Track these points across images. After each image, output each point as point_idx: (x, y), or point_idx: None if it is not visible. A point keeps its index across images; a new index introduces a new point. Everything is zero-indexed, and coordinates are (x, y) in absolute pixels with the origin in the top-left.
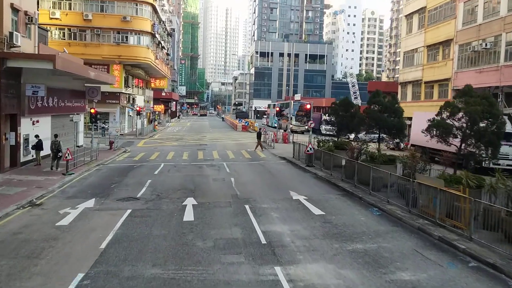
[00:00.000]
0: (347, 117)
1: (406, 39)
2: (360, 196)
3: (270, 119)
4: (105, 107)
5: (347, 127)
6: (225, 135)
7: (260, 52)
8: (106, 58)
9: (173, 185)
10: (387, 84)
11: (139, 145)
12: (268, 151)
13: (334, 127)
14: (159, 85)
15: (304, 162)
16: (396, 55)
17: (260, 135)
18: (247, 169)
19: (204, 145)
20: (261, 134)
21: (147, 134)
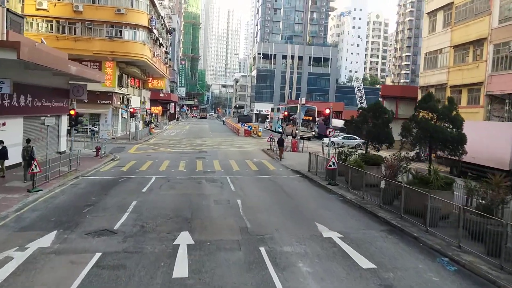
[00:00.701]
0: (378, 125)
1: (428, 39)
2: (415, 235)
3: (273, 123)
4: (96, 108)
5: (378, 137)
6: (227, 140)
7: (263, 54)
8: (98, 54)
9: (163, 210)
10: (403, 89)
11: (131, 151)
12: (277, 161)
13: (359, 137)
14: (157, 85)
15: (324, 179)
16: (402, 60)
17: (283, 142)
18: (256, 186)
19: (204, 152)
20: (283, 141)
21: (142, 138)
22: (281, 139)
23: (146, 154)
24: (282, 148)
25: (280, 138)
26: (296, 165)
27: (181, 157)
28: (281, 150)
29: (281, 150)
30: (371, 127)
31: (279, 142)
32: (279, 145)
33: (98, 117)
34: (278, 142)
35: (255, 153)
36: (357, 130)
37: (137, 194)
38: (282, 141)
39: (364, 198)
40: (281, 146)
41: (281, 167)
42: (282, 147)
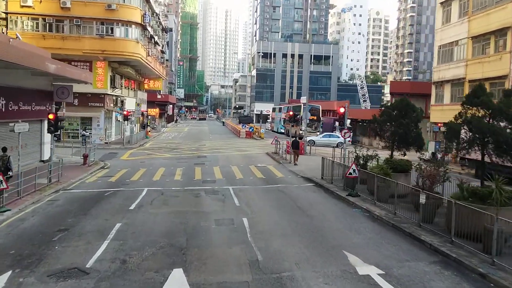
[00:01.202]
0: (405, 125)
1: (442, 31)
2: (481, 271)
3: (275, 124)
4: (87, 111)
5: (405, 139)
6: (228, 143)
7: (263, 53)
8: (88, 53)
9: (153, 235)
10: (413, 85)
11: (123, 157)
12: (285, 166)
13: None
14: (154, 86)
15: (343, 188)
16: (404, 56)
17: (298, 145)
18: (264, 199)
19: (203, 157)
20: (298, 143)
21: (137, 142)
22: (296, 141)
23: (139, 160)
24: (298, 152)
25: (295, 141)
26: (306, 170)
27: (178, 163)
28: (297, 154)
29: (297, 154)
30: (397, 128)
31: (294, 145)
32: (295, 148)
33: (90, 121)
34: (293, 145)
35: (259, 157)
36: (380, 131)
37: (123, 213)
38: (298, 144)
39: (396, 214)
40: (297, 149)
41: (289, 173)
42: (298, 151)
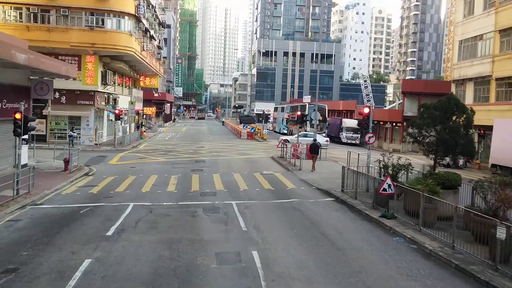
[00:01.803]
0: (453, 129)
1: (464, 24)
2: None
3: (277, 124)
4: (75, 110)
5: (453, 146)
6: (228, 145)
7: (263, 51)
8: (76, 46)
9: (132, 281)
10: (427, 84)
11: (112, 161)
12: (295, 174)
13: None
14: (150, 84)
15: (370, 205)
16: (407, 56)
17: (317, 148)
18: (277, 222)
19: (201, 162)
20: (318, 148)
21: (131, 143)
22: (315, 145)
23: (130, 165)
24: (316, 157)
25: (314, 144)
26: (320, 180)
27: (173, 169)
28: (315, 159)
29: (315, 160)
30: (443, 132)
31: (313, 149)
32: (314, 153)
33: (79, 120)
34: (312, 148)
35: (264, 162)
36: (419, 136)
37: (96, 242)
38: (317, 148)
39: (456, 248)
40: (316, 154)
41: (301, 183)
42: (316, 155)
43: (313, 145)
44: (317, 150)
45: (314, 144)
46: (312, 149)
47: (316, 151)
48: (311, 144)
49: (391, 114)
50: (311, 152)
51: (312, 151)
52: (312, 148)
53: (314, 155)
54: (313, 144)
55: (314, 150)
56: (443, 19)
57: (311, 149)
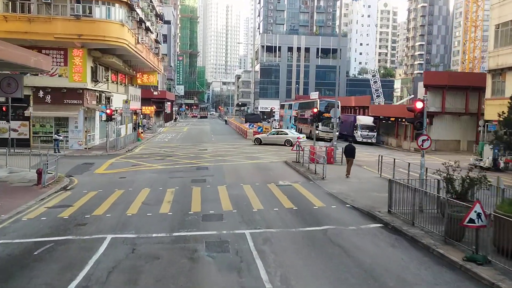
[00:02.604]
0: None
1: (501, 6)
2: None
3: (284, 122)
4: (62, 110)
5: None
6: (233, 146)
7: (267, 47)
8: (61, 38)
9: None
10: (451, 76)
11: (99, 169)
12: (318, 185)
13: None
14: (148, 81)
15: (441, 238)
16: (415, 49)
17: (354, 151)
18: (315, 269)
19: (204, 169)
20: (354, 150)
21: (125, 146)
22: (351, 147)
23: (119, 175)
24: (352, 161)
25: (350, 146)
26: (350, 192)
27: (170, 180)
28: (350, 164)
29: (350, 165)
30: None
31: (348, 151)
32: (349, 156)
33: (66, 122)
34: (346, 151)
35: (277, 168)
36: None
37: None
38: (354, 151)
39: None
40: (352, 157)
41: (330, 198)
42: (353, 159)
43: (348, 147)
44: (353, 153)
45: (349, 146)
46: (348, 151)
47: (352, 153)
48: (346, 146)
49: None
50: (346, 155)
51: (347, 154)
52: (347, 150)
53: (349, 158)
54: (348, 146)
55: (350, 153)
56: (452, 10)
57: (346, 151)
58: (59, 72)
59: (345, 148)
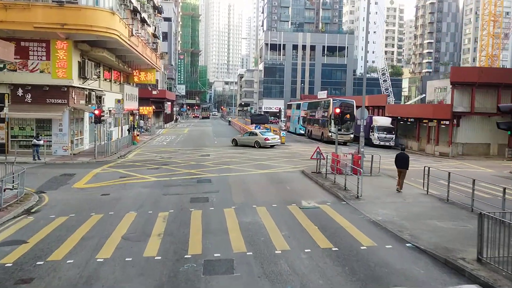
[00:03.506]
0: None
1: None
2: None
3: (291, 123)
4: (44, 111)
5: None
6: (239, 151)
7: (271, 45)
8: (42, 28)
9: None
10: (482, 72)
11: (79, 183)
12: (354, 207)
13: None
14: (145, 79)
15: None
16: (423, 47)
17: (407, 161)
18: None
19: (206, 182)
20: (407, 160)
21: (118, 151)
22: (404, 156)
23: (102, 190)
24: (406, 173)
25: (402, 155)
26: (402, 220)
27: (164, 198)
28: (403, 176)
29: (403, 177)
30: None
31: (400, 161)
32: (402, 167)
33: (49, 124)
34: (398, 161)
35: (293, 180)
36: None
37: None
38: (407, 160)
39: None
40: (406, 168)
41: (376, 230)
42: (406, 171)
43: (401, 155)
44: (407, 163)
45: (402, 155)
46: (400, 161)
47: (406, 164)
48: (398, 155)
49: (437, 109)
50: (398, 165)
51: (399, 164)
52: (400, 160)
53: (402, 169)
54: (401, 154)
55: (403, 163)
56: (461, 7)
57: (397, 161)
58: (40, 67)
59: (397, 157)
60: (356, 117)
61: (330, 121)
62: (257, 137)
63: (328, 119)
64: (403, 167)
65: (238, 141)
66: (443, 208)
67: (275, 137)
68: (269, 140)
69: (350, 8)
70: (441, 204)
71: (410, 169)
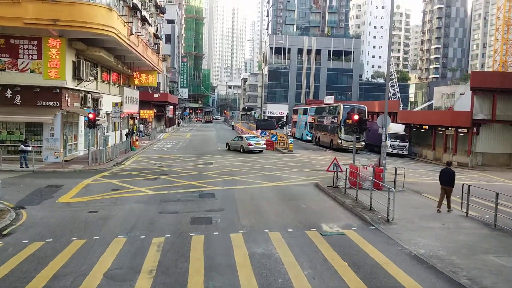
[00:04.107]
0: None
1: None
2: None
3: (298, 129)
4: (34, 114)
5: None
6: (244, 159)
7: (276, 48)
8: (33, 24)
9: None
10: (504, 77)
11: (65, 197)
12: (386, 234)
13: None
14: (146, 81)
15: None
16: (430, 53)
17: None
18: None
19: (209, 197)
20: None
21: (114, 158)
22: (450, 171)
23: (90, 206)
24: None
25: (448, 170)
26: (451, 255)
27: (160, 216)
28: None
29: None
30: None
31: (446, 177)
32: (447, 185)
33: (40, 128)
34: (443, 177)
35: (308, 195)
36: None
37: None
38: (453, 177)
39: None
40: (452, 186)
41: (422, 270)
42: (452, 188)
43: (446, 171)
44: (452, 181)
45: (448, 170)
46: (446, 177)
47: (451, 181)
48: (443, 170)
49: (455, 117)
50: (443, 182)
51: (445, 181)
52: (446, 176)
53: (447, 187)
54: (446, 169)
55: (449, 180)
56: (470, 12)
57: (442, 177)
58: (31, 66)
59: (441, 173)
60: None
61: (340, 128)
62: (242, 142)
63: (338, 126)
64: (447, 185)
65: (230, 145)
66: (495, 237)
67: (259, 142)
68: (252, 145)
69: (356, 12)
70: (489, 231)
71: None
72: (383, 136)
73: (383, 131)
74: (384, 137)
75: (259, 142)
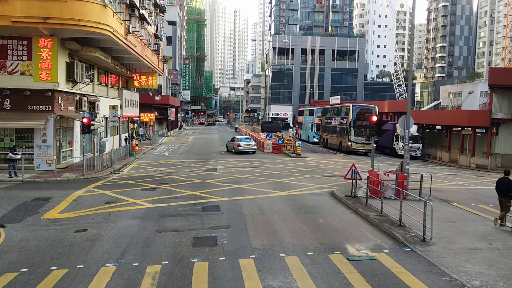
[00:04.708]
0: None
1: None
2: None
3: (304, 131)
4: (25, 119)
5: None
6: (250, 164)
7: (279, 49)
8: (21, 22)
9: None
10: None
11: (52, 212)
12: (425, 259)
13: None
14: (146, 83)
15: None
16: (436, 51)
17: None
18: None
19: (213, 211)
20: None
21: (112, 165)
22: (508, 181)
23: (79, 223)
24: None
25: (506, 180)
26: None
27: (158, 236)
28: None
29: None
30: None
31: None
32: (505, 197)
33: (32, 134)
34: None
35: (324, 206)
36: None
37: None
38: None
39: None
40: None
41: None
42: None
43: (503, 180)
44: (509, 192)
45: (504, 180)
46: (501, 187)
47: (506, 192)
48: (500, 180)
49: (473, 116)
50: (500, 194)
51: (503, 193)
52: (504, 186)
53: (503, 199)
54: (504, 179)
55: (504, 190)
56: (475, 10)
57: (500, 188)
58: (21, 68)
59: (498, 183)
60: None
61: (349, 129)
62: (234, 143)
63: (348, 127)
64: (504, 196)
65: (228, 146)
66: None
67: (249, 144)
68: (241, 146)
69: (360, 11)
70: None
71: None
72: (406, 139)
73: (405, 133)
74: (407, 140)
75: (249, 143)
